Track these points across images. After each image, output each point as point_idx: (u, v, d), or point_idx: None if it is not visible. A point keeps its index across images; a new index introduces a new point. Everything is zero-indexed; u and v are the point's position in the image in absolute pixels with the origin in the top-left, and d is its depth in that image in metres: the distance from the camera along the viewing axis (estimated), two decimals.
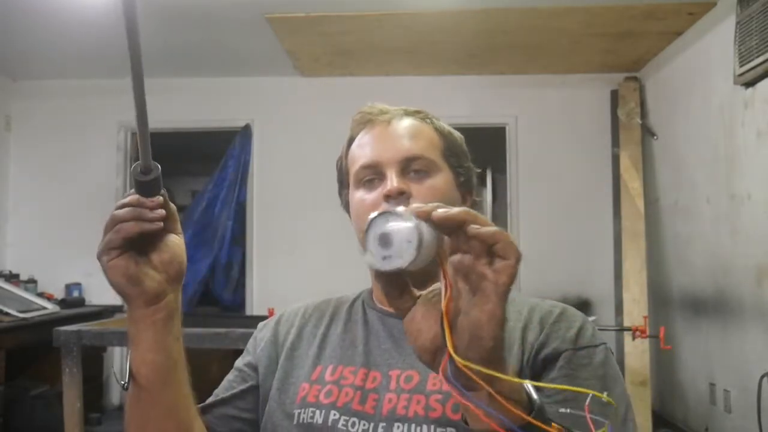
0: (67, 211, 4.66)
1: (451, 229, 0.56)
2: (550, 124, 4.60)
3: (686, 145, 3.79)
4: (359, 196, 0.92)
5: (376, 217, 0.56)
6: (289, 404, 0.89)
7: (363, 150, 0.93)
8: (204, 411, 0.91)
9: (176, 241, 0.73)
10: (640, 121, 4.28)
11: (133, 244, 0.70)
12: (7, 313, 3.63)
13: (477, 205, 0.95)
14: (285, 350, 0.96)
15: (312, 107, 4.63)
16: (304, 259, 4.57)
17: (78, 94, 4.73)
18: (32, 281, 4.42)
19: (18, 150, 4.75)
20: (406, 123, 0.93)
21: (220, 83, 4.69)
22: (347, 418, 0.84)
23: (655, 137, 4.21)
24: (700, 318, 3.60)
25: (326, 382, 0.89)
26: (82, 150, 4.70)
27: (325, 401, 0.86)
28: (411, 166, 0.90)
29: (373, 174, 0.91)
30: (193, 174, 6.53)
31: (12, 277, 4.32)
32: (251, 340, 1.01)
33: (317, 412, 0.85)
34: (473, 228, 0.55)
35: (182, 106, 4.69)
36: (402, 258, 0.54)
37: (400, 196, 0.87)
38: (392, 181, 0.87)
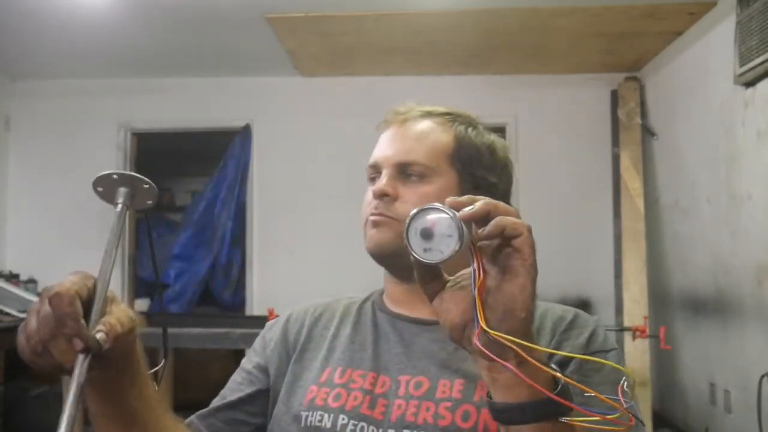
0: (67, 211, 4.65)
1: (480, 222, 0.61)
2: (550, 124, 4.59)
3: (686, 145, 3.79)
4: (367, 191, 0.97)
5: (417, 212, 0.62)
6: (297, 406, 0.88)
7: (375, 148, 0.98)
8: (210, 415, 0.91)
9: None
10: (640, 121, 4.27)
11: None
12: (7, 313, 3.62)
13: None
14: (296, 351, 0.94)
15: (312, 107, 4.63)
16: (304, 259, 4.57)
17: (78, 94, 4.72)
18: (32, 281, 4.41)
19: (17, 150, 4.75)
20: (418, 126, 0.95)
21: (220, 83, 4.68)
22: (356, 422, 0.83)
23: (655, 137, 4.21)
24: (700, 318, 3.60)
25: (335, 385, 0.88)
26: (81, 150, 4.69)
27: (334, 405, 0.85)
28: (407, 170, 0.92)
29: (375, 173, 0.95)
30: (193, 174, 6.52)
31: (12, 277, 4.31)
32: (259, 340, 0.99)
33: (325, 415, 0.85)
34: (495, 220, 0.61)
35: (182, 106, 4.69)
36: (442, 252, 0.60)
37: (383, 198, 0.91)
38: (381, 182, 0.92)
